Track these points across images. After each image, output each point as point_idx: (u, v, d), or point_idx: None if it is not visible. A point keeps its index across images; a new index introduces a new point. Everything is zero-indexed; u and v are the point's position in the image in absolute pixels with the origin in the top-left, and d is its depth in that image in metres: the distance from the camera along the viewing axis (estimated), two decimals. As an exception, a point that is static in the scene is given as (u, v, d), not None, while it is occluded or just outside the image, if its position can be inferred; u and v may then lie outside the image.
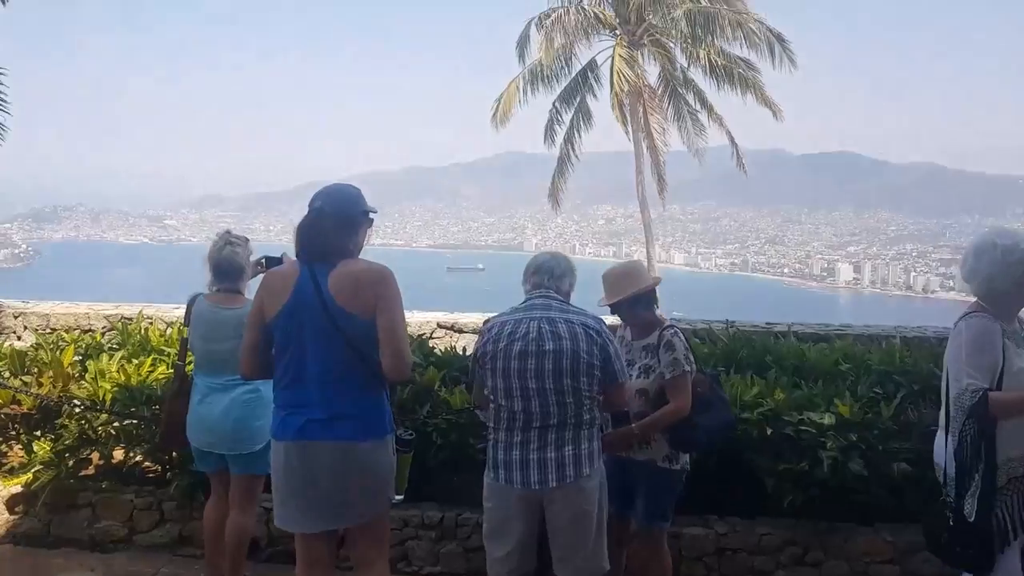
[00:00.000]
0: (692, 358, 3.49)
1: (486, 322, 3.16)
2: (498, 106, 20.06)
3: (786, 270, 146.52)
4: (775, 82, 19.10)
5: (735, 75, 18.54)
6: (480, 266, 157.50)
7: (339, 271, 2.78)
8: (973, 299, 3.21)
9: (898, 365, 5.06)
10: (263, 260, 3.80)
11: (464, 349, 5.43)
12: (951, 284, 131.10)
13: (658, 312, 3.70)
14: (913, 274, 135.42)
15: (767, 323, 7.59)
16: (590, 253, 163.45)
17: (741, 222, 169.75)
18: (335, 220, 2.83)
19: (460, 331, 7.27)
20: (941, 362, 5.21)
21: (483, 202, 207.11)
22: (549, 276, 3.11)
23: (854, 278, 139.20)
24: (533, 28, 19.27)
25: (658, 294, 3.66)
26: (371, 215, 3.00)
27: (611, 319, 4.04)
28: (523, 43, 19.70)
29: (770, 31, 18.05)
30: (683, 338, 3.55)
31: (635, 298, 3.49)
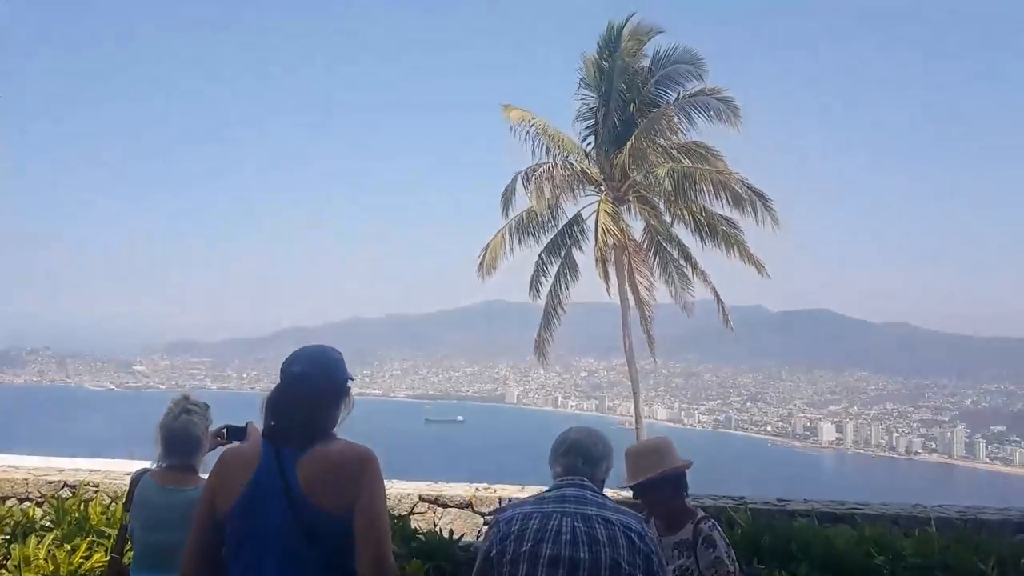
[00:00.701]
0: (734, 555, 2.98)
1: (501, 509, 2.62)
2: (484, 255, 20.07)
3: (769, 428, 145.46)
4: (755, 239, 19.25)
5: (719, 232, 18.70)
6: (459, 418, 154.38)
7: (312, 456, 2.28)
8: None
9: (938, 557, 4.52)
10: (224, 430, 3.31)
11: (451, 531, 4.80)
12: (933, 446, 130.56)
13: (689, 501, 3.20)
14: (895, 435, 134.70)
15: (779, 499, 7.03)
16: (572, 406, 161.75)
17: (723, 378, 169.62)
18: (318, 391, 2.36)
19: (445, 505, 6.62)
20: (984, 553, 4.70)
21: (465, 351, 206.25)
22: (584, 460, 2.58)
23: (837, 438, 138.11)
24: (519, 182, 19.58)
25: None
26: (350, 383, 2.52)
27: (608, 491, 3.52)
28: (508, 195, 19.91)
29: (751, 190, 18.36)
30: (722, 531, 3.06)
31: (662, 480, 3.02)
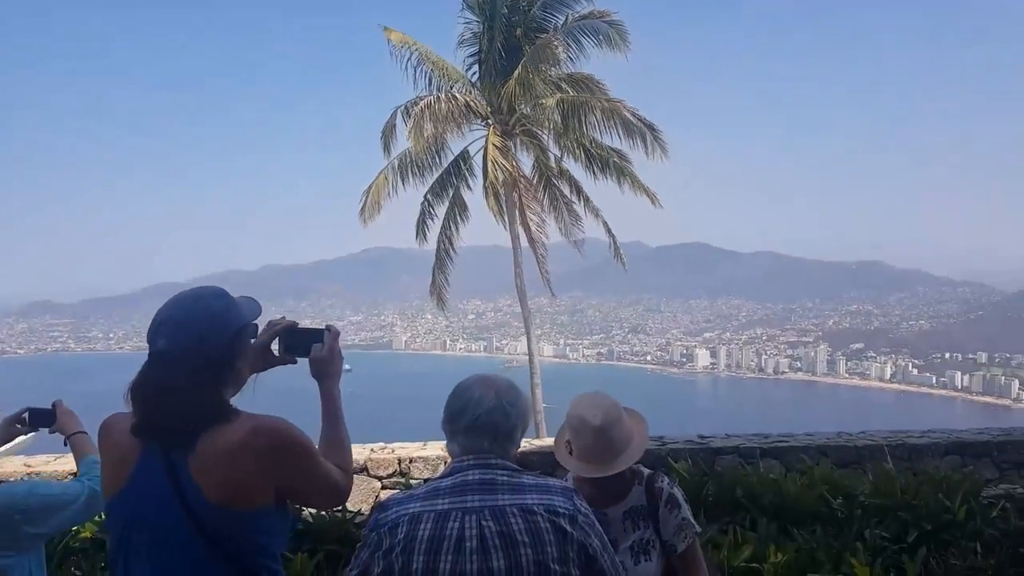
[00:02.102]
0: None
1: (381, 506, 1.88)
2: (366, 199, 19.00)
3: (649, 357, 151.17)
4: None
5: (610, 164, 18.33)
6: (347, 367, 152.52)
7: (206, 450, 1.74)
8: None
9: (900, 497, 4.08)
10: (25, 415, 2.46)
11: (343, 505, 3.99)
12: (798, 365, 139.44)
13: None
14: (764, 357, 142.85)
15: (700, 436, 6.62)
16: (461, 348, 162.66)
17: (605, 312, 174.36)
18: (195, 367, 1.78)
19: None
20: (951, 492, 4.33)
21: (349, 300, 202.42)
22: (493, 436, 1.88)
23: (711, 363, 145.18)
24: (399, 117, 18.49)
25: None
26: (254, 323, 1.96)
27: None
28: (388, 133, 18.84)
29: (641, 120, 18.01)
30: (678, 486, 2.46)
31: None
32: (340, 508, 4.08)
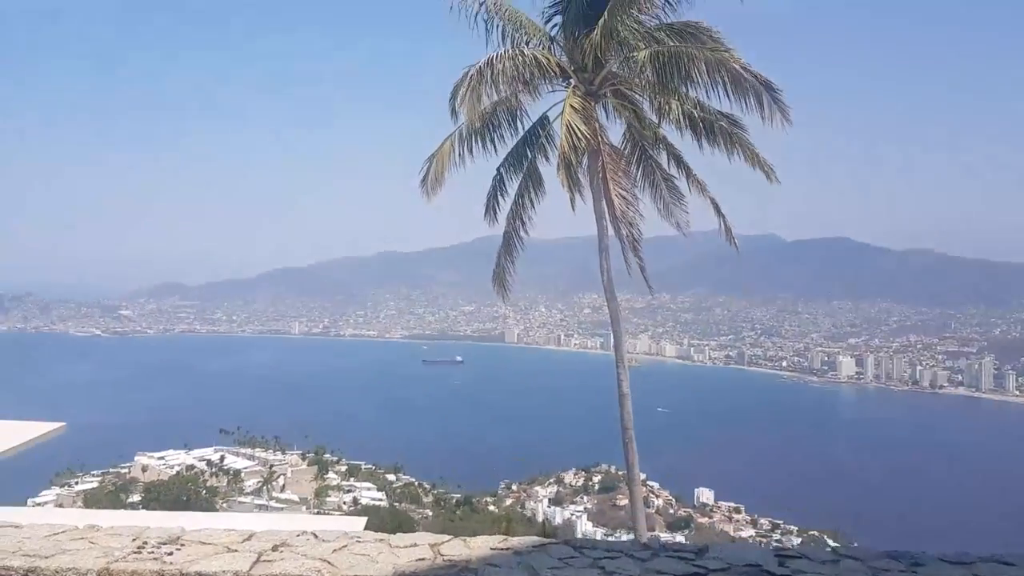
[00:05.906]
0: None
1: None
2: (429, 168, 16.43)
3: (784, 363, 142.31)
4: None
5: (717, 130, 14.87)
6: (458, 358, 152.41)
7: None
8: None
9: None
10: None
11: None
12: (959, 379, 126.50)
13: None
14: (919, 368, 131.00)
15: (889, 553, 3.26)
16: (576, 344, 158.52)
17: (734, 312, 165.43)
18: None
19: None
20: None
21: (461, 290, 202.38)
22: None
23: (857, 372, 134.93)
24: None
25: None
26: None
27: None
28: (457, 95, 16.17)
29: (756, 77, 14.42)
30: None
31: None
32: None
